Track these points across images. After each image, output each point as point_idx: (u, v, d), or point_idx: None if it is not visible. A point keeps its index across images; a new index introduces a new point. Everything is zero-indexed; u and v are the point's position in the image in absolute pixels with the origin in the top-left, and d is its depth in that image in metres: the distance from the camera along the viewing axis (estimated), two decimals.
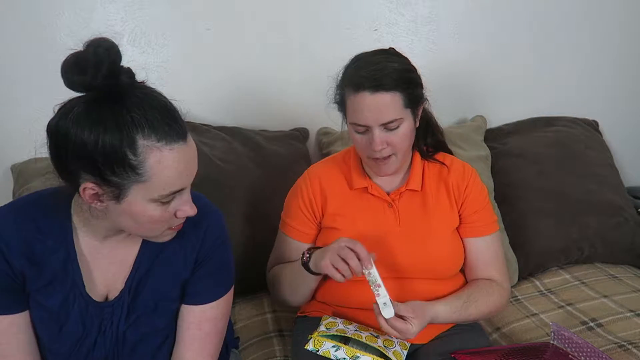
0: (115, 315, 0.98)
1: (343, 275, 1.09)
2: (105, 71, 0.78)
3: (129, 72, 0.82)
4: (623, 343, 1.33)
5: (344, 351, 1.09)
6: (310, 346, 1.11)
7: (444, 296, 1.24)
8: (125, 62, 0.82)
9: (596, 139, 1.98)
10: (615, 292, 1.56)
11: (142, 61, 1.68)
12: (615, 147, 2.05)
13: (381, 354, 1.10)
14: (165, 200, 0.86)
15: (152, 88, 0.85)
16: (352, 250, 1.09)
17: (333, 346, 1.09)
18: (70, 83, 0.79)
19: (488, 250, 1.29)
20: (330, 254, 1.10)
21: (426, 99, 1.24)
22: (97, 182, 0.82)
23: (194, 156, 0.87)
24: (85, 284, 0.96)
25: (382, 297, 1.08)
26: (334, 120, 1.28)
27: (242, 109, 1.82)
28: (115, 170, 0.80)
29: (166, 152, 0.81)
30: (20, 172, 1.60)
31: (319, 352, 1.10)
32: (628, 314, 1.45)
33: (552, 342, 1.21)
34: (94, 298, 0.97)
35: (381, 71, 1.14)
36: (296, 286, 1.27)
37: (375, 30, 1.84)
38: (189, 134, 0.86)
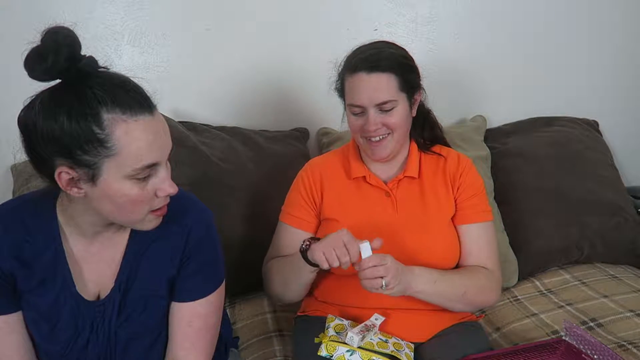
0: (107, 314, 0.98)
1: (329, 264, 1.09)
2: (66, 54, 0.78)
3: (92, 60, 0.83)
4: (623, 343, 1.33)
5: (359, 355, 1.10)
6: (323, 352, 1.12)
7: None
8: (125, 62, 0.83)
9: (596, 139, 1.98)
10: (615, 292, 1.56)
11: (142, 61, 1.68)
12: (615, 147, 2.04)
13: (394, 358, 1.12)
14: (140, 177, 0.85)
15: (116, 72, 0.86)
16: (347, 249, 1.08)
17: (347, 350, 1.11)
18: (32, 73, 0.80)
19: (480, 238, 1.30)
20: (325, 244, 1.10)
21: (422, 88, 1.28)
22: (70, 165, 0.82)
23: (163, 129, 0.87)
24: (75, 283, 0.96)
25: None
26: (334, 120, 1.29)
27: (242, 109, 1.82)
28: (84, 147, 0.80)
29: (132, 124, 0.81)
30: (20, 172, 1.60)
31: (333, 357, 1.11)
32: (628, 314, 1.45)
33: (564, 337, 1.21)
34: (85, 297, 0.97)
35: (378, 54, 1.20)
36: (289, 280, 1.26)
37: (375, 30, 1.84)
38: (156, 109, 0.86)
